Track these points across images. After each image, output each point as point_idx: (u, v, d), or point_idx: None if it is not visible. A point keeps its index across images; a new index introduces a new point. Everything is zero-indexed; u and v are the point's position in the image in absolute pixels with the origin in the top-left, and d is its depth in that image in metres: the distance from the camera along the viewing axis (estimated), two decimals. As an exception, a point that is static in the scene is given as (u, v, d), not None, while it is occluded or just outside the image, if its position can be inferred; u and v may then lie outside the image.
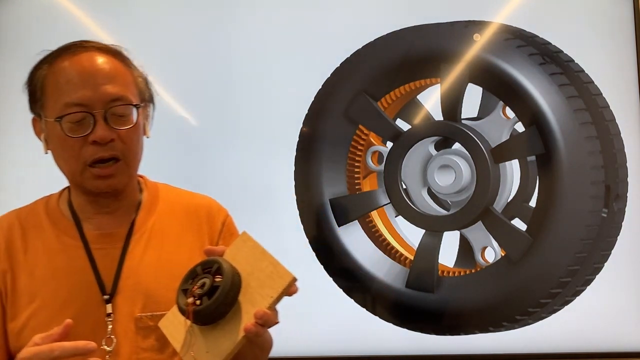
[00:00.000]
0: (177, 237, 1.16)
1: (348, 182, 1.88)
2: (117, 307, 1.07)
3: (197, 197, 1.25)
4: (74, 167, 1.08)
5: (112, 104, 1.06)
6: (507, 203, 1.79)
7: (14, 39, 2.01)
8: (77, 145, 1.06)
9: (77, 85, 1.05)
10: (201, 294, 0.92)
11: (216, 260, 0.94)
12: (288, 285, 0.92)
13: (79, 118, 1.05)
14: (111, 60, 1.10)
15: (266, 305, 0.91)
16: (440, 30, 1.79)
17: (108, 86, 1.06)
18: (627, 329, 1.77)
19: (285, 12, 1.97)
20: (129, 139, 1.08)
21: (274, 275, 0.92)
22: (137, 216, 1.15)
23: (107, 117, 1.05)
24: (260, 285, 0.92)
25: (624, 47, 1.82)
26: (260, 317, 0.90)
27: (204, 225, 1.19)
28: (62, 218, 1.13)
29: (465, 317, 1.76)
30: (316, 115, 1.88)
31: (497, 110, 1.77)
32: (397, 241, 1.87)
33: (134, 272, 1.10)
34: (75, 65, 1.08)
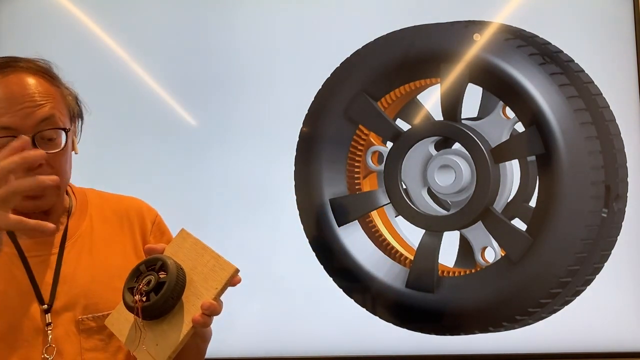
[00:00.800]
0: (110, 239, 1.17)
1: (348, 182, 1.88)
2: (56, 314, 1.08)
3: (126, 199, 1.26)
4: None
5: (40, 127, 1.05)
6: (507, 203, 1.79)
7: (14, 39, 2.01)
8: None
9: (4, 109, 1.04)
10: (147, 291, 0.95)
11: (160, 258, 0.98)
12: (231, 276, 0.95)
13: (5, 142, 1.02)
14: (40, 81, 1.08)
15: (211, 296, 0.94)
16: (440, 30, 1.79)
17: (37, 110, 1.05)
18: (627, 329, 1.76)
19: (285, 12, 1.97)
20: (58, 162, 1.08)
21: (217, 268, 0.96)
22: (69, 222, 1.15)
23: (35, 141, 1.04)
24: (204, 279, 0.96)
25: (624, 47, 1.82)
26: (207, 307, 0.93)
27: (135, 225, 1.20)
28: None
29: (465, 317, 1.76)
30: (316, 115, 1.88)
31: (497, 110, 1.77)
32: (397, 241, 1.87)
33: (70, 277, 1.10)
34: (3, 88, 1.05)
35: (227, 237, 1.89)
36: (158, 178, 1.92)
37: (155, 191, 1.27)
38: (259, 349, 1.84)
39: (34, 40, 1.98)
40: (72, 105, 1.15)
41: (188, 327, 0.94)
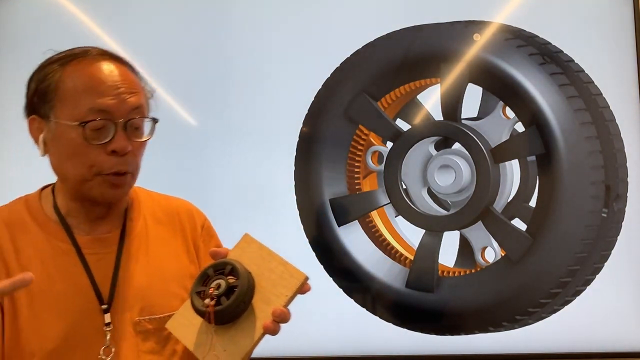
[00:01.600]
0: (163, 241, 1.16)
1: (348, 182, 1.88)
2: (115, 314, 1.06)
3: (175, 200, 1.25)
4: (84, 174, 1.05)
5: (132, 115, 1.05)
6: (507, 203, 1.79)
7: (14, 39, 2.01)
8: (93, 152, 1.04)
9: (100, 92, 1.04)
10: (218, 295, 0.94)
11: (229, 262, 0.97)
12: (301, 284, 0.95)
13: (101, 125, 1.03)
14: (129, 71, 1.10)
15: (282, 303, 0.94)
16: (440, 30, 1.79)
17: (130, 96, 1.05)
18: (627, 329, 1.77)
19: (285, 12, 1.97)
20: (139, 152, 1.08)
21: (285, 275, 0.95)
22: (126, 221, 1.14)
23: (127, 128, 1.05)
24: (273, 285, 0.95)
25: (624, 47, 1.82)
26: (278, 315, 0.94)
27: (187, 227, 1.19)
28: (48, 221, 1.10)
29: (465, 317, 1.76)
30: (316, 115, 1.88)
31: (497, 110, 1.77)
32: (397, 241, 1.87)
33: (128, 278, 1.09)
34: (97, 71, 1.06)
35: (227, 237, 1.89)
36: (158, 178, 1.91)
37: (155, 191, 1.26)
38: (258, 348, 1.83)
39: (34, 40, 1.98)
40: (148, 99, 1.14)
41: (259, 334, 0.94)
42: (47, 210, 1.12)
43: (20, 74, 2.11)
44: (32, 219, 1.11)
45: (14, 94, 1.98)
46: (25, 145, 1.96)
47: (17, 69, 2.00)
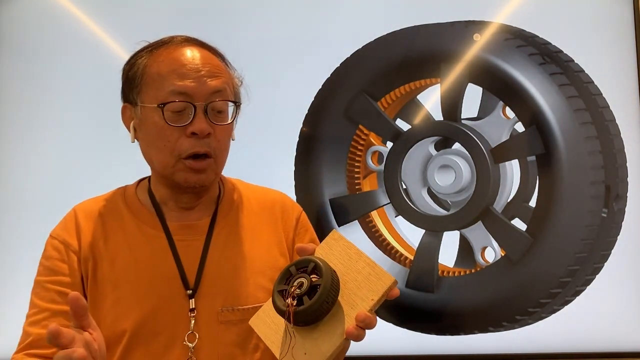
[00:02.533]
0: (254, 231, 1.15)
1: (348, 182, 1.88)
2: (199, 301, 1.06)
3: (271, 192, 1.24)
4: (167, 157, 1.06)
5: (212, 98, 1.06)
6: (507, 203, 1.79)
7: (14, 39, 2.01)
8: (174, 135, 1.05)
9: (181, 75, 1.05)
10: (300, 294, 0.89)
11: (312, 259, 0.91)
12: (389, 287, 0.89)
13: (181, 108, 1.04)
14: (213, 55, 1.11)
15: (367, 308, 0.88)
16: (440, 30, 1.79)
17: (211, 80, 1.06)
18: (627, 329, 1.77)
19: (285, 12, 1.97)
20: (223, 136, 1.08)
21: (372, 277, 0.90)
22: (218, 209, 1.14)
23: (207, 111, 1.05)
24: (358, 287, 0.90)
25: (624, 47, 1.82)
26: (362, 320, 0.88)
27: (279, 220, 1.18)
28: (142, 208, 1.12)
29: (465, 317, 1.76)
30: (316, 115, 1.88)
31: (497, 110, 1.77)
32: (397, 241, 1.88)
33: (215, 266, 1.08)
34: (180, 56, 1.07)
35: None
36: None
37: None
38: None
39: (34, 40, 1.98)
40: (237, 90, 1.14)
41: (341, 339, 0.88)
42: (142, 198, 1.14)
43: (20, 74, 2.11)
44: (126, 207, 1.13)
45: (16, 93, 1.99)
46: (25, 145, 1.96)
47: (17, 69, 2.01)
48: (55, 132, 1.95)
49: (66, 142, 1.94)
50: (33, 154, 1.96)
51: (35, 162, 1.95)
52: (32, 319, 1.05)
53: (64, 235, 1.10)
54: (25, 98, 1.98)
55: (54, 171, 1.94)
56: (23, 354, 1.02)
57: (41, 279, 1.08)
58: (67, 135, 1.94)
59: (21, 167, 1.96)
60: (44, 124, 1.96)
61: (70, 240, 1.09)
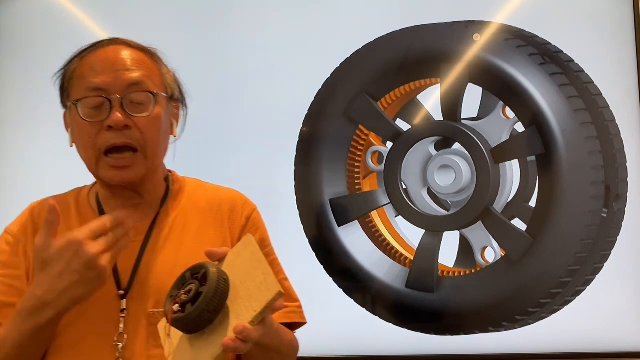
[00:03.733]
0: (198, 232, 1.14)
1: (348, 182, 1.88)
2: (131, 302, 1.05)
3: (223, 191, 1.23)
4: (90, 154, 1.07)
5: (129, 90, 1.06)
6: (507, 203, 1.79)
7: (14, 39, 2.01)
8: (93, 131, 1.05)
9: (98, 72, 1.06)
10: (186, 301, 0.88)
11: (204, 265, 0.90)
12: (273, 299, 0.85)
13: (97, 103, 1.05)
14: (136, 52, 1.11)
15: (249, 319, 0.85)
16: (440, 30, 1.79)
17: (128, 73, 1.06)
18: (627, 329, 1.77)
19: (285, 12, 1.97)
20: (147, 128, 1.07)
21: (262, 287, 0.86)
22: (161, 210, 1.13)
23: (124, 104, 1.05)
24: (248, 296, 0.87)
25: (624, 47, 1.82)
26: (240, 332, 0.85)
27: (226, 219, 1.16)
28: (88, 209, 1.13)
29: (465, 317, 1.76)
30: (316, 116, 1.88)
31: (497, 110, 1.77)
32: (397, 241, 1.87)
33: (150, 267, 1.08)
34: (100, 54, 1.09)
35: (227, 237, 1.89)
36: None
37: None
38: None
39: (34, 40, 1.98)
40: (171, 84, 1.14)
41: (219, 350, 0.85)
42: (91, 199, 1.15)
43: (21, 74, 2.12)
44: (75, 208, 1.14)
45: (17, 92, 1.99)
46: (26, 145, 1.96)
47: (17, 68, 2.01)
48: (55, 131, 1.94)
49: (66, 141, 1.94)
50: (33, 153, 1.96)
51: (35, 162, 1.95)
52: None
53: (15, 230, 1.11)
54: (25, 98, 1.98)
55: (54, 171, 1.94)
56: None
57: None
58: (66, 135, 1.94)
59: (21, 166, 1.96)
60: (43, 123, 1.96)
61: (20, 235, 1.10)
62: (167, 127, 1.12)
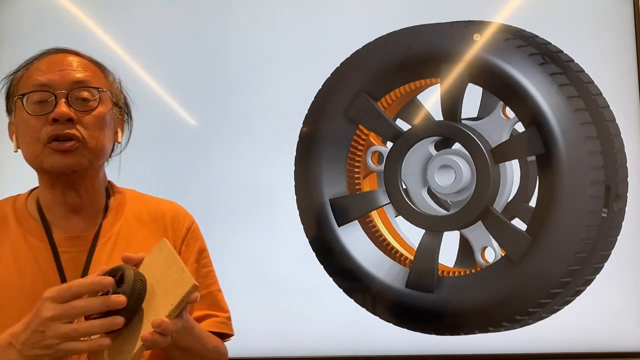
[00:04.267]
0: (143, 242, 1.14)
1: (348, 182, 1.88)
2: None
3: (164, 202, 1.24)
4: (33, 147, 1.07)
5: (75, 86, 1.08)
6: (507, 203, 1.79)
7: (14, 39, 2.01)
8: (38, 125, 1.06)
9: (44, 71, 1.09)
10: None
11: (120, 268, 0.93)
12: (188, 292, 0.89)
13: (42, 97, 1.06)
14: (83, 59, 1.14)
15: (166, 313, 0.89)
16: (440, 30, 1.79)
17: (74, 72, 1.09)
18: (627, 329, 1.77)
19: (285, 12, 1.97)
20: (91, 124, 1.08)
21: (178, 283, 0.90)
22: (104, 220, 1.14)
23: (69, 99, 1.07)
24: (165, 293, 0.91)
25: (624, 47, 1.82)
26: (157, 325, 0.87)
27: (169, 231, 1.18)
28: (29, 218, 1.12)
29: (465, 317, 1.76)
30: (316, 115, 1.88)
31: (497, 110, 1.77)
32: (397, 241, 1.88)
33: None
34: (47, 59, 1.12)
35: (227, 237, 1.89)
36: (157, 178, 1.92)
37: (154, 192, 1.25)
38: (258, 349, 1.84)
39: (34, 40, 1.98)
40: (116, 92, 1.16)
41: (139, 345, 0.88)
42: (31, 208, 1.14)
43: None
44: (14, 217, 1.12)
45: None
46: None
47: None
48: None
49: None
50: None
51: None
52: None
53: None
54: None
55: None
56: None
57: None
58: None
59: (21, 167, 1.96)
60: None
61: None
62: (110, 129, 1.13)
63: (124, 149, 1.20)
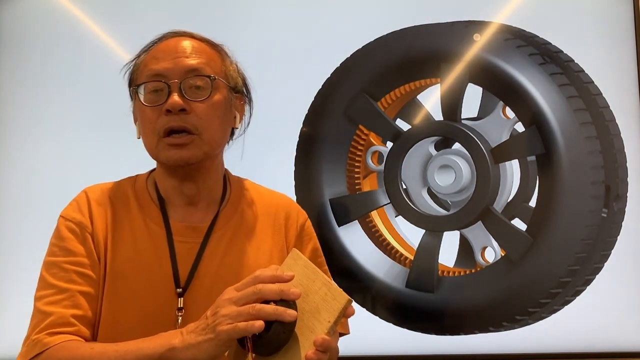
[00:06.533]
0: (257, 238, 1.14)
1: (348, 182, 1.88)
2: (190, 303, 1.05)
3: (278, 196, 1.24)
4: (150, 139, 1.08)
5: (188, 75, 1.07)
6: (507, 203, 1.79)
7: (14, 39, 2.01)
8: (154, 115, 1.07)
9: (159, 59, 1.08)
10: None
11: None
12: (344, 307, 0.89)
13: (156, 87, 1.07)
14: (199, 42, 1.13)
15: (324, 330, 0.88)
16: (440, 30, 1.79)
17: (187, 59, 1.08)
18: (627, 329, 1.77)
19: (285, 11, 1.97)
20: (205, 114, 1.07)
21: (329, 298, 0.89)
22: (221, 211, 1.14)
23: (182, 88, 1.06)
24: (317, 310, 0.89)
25: (624, 47, 1.82)
26: (321, 344, 0.88)
27: (282, 227, 1.17)
28: (149, 202, 1.12)
29: (465, 317, 1.76)
30: (316, 115, 1.88)
31: (497, 110, 1.77)
32: (397, 241, 1.88)
33: (213, 271, 1.08)
34: (163, 45, 1.11)
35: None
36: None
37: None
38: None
39: (34, 40, 1.98)
40: (233, 76, 1.16)
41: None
42: (151, 191, 1.14)
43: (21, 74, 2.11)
44: (135, 198, 1.13)
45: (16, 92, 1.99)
46: (26, 145, 1.96)
47: (17, 68, 2.01)
48: (55, 132, 1.95)
49: (67, 141, 1.94)
50: (33, 153, 1.96)
51: (35, 162, 1.95)
52: (51, 298, 1.03)
53: (78, 217, 1.09)
54: (26, 98, 1.98)
55: (54, 171, 1.94)
56: (45, 333, 1.00)
57: (57, 260, 1.06)
58: (67, 134, 1.94)
59: (21, 166, 1.96)
60: (44, 123, 1.96)
61: (85, 222, 1.08)
62: (226, 116, 1.13)
63: (244, 131, 1.20)
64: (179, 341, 0.92)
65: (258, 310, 0.88)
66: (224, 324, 0.88)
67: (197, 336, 0.91)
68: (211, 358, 0.90)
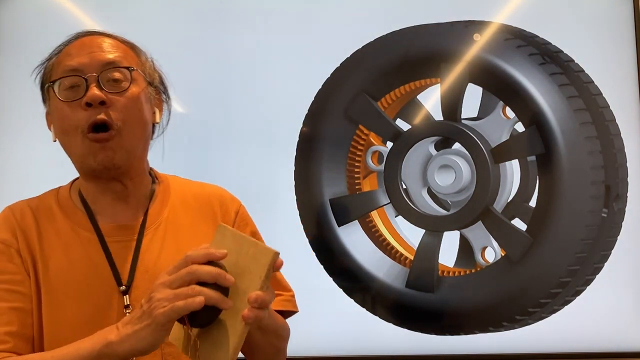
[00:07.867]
0: (192, 228, 1.14)
1: (348, 182, 1.88)
2: (136, 300, 1.04)
3: (208, 186, 1.23)
4: (72, 136, 1.06)
5: (105, 68, 1.06)
6: (507, 203, 1.79)
7: (14, 39, 2.01)
8: (72, 112, 1.04)
9: (73, 55, 1.07)
10: None
11: None
12: (272, 260, 0.88)
13: (73, 83, 1.05)
14: (113, 39, 1.11)
15: (257, 287, 0.88)
16: (440, 30, 1.79)
17: (103, 53, 1.07)
18: (627, 329, 1.77)
19: (285, 11, 1.97)
20: (125, 108, 1.06)
21: (257, 255, 0.89)
22: (150, 207, 1.13)
23: (100, 81, 1.05)
24: (248, 271, 0.89)
25: (624, 47, 1.82)
26: (254, 300, 0.87)
27: (218, 214, 1.17)
28: (74, 209, 1.11)
29: (465, 317, 1.76)
30: (316, 115, 1.88)
31: (497, 110, 1.77)
32: (397, 241, 1.87)
33: (152, 266, 1.07)
34: (77, 43, 1.10)
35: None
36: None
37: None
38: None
39: (34, 40, 1.98)
40: (150, 71, 1.14)
41: (241, 326, 0.87)
42: (75, 199, 1.13)
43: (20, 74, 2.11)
44: (59, 208, 1.11)
45: (16, 92, 1.99)
46: (26, 145, 1.96)
47: (17, 68, 2.01)
48: (55, 132, 1.95)
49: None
50: (34, 153, 1.96)
51: (36, 162, 1.95)
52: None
53: (2, 235, 1.08)
54: (26, 98, 1.98)
55: (55, 171, 1.93)
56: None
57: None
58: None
59: (22, 166, 1.96)
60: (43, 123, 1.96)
61: (10, 239, 1.07)
62: (146, 111, 1.11)
63: (164, 130, 1.18)
64: (114, 335, 0.91)
65: (197, 292, 0.86)
66: (159, 308, 0.87)
67: (134, 326, 0.89)
68: (152, 346, 0.89)
